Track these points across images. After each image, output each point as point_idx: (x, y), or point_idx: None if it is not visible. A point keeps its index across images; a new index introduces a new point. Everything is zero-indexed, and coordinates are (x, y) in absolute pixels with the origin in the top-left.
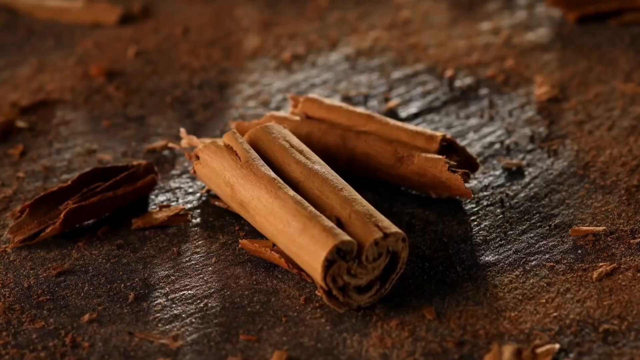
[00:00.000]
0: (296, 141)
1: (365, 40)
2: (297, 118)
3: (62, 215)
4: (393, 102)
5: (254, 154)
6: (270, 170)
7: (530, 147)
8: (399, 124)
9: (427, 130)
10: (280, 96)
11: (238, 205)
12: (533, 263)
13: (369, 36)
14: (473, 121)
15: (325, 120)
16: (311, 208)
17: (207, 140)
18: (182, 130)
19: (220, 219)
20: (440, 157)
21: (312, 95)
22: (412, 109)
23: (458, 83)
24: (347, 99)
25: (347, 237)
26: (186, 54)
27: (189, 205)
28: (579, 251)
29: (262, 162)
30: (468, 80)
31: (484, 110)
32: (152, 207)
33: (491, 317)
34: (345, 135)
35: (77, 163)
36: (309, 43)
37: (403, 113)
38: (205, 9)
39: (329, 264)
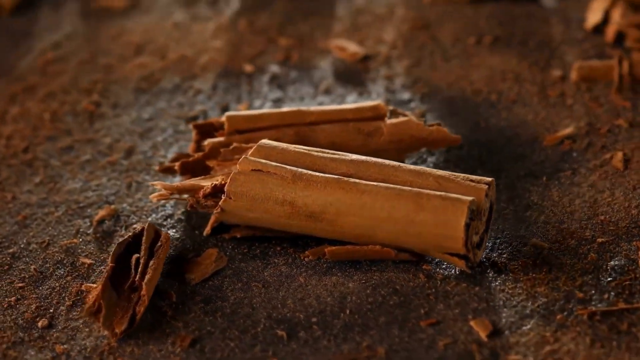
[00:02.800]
0: (302, 146)
1: (127, 72)
2: (223, 138)
3: (144, 293)
4: (244, 105)
5: (291, 167)
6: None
7: (403, 98)
8: (330, 106)
9: (361, 103)
10: (137, 139)
11: (304, 218)
12: (552, 177)
13: (125, 68)
14: (328, 98)
15: (263, 128)
16: (407, 187)
17: (173, 185)
18: (159, 183)
19: (252, 248)
20: (408, 118)
21: (229, 112)
22: (267, 106)
23: (267, 75)
24: (194, 118)
25: (470, 197)
26: None
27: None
28: (574, 154)
29: (307, 170)
30: (273, 69)
31: (320, 87)
32: (176, 262)
33: (587, 228)
34: (300, 132)
35: (57, 256)
36: (86, 90)
37: None
38: None
39: (466, 227)
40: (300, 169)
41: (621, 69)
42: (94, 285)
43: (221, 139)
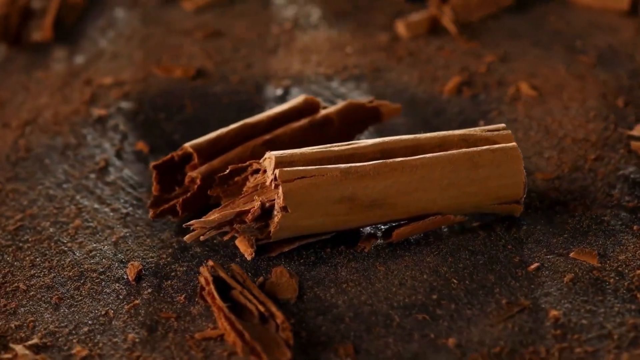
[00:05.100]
0: (316, 147)
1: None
2: (198, 170)
3: (282, 319)
4: (141, 144)
5: (331, 165)
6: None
7: (276, 94)
8: (266, 113)
9: (291, 102)
10: (77, 202)
11: (365, 209)
12: (485, 120)
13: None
14: (207, 117)
15: (229, 147)
16: (451, 150)
17: (212, 217)
18: (195, 222)
19: (304, 256)
20: (348, 101)
21: (188, 143)
22: (163, 139)
23: (122, 114)
24: (104, 168)
25: (514, 142)
26: None
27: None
28: (481, 97)
29: (346, 163)
30: (124, 106)
31: (187, 110)
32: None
33: (568, 151)
34: (266, 141)
35: (135, 320)
36: None
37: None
38: None
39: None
40: (341, 165)
41: (446, 16)
42: (209, 331)
43: (199, 169)
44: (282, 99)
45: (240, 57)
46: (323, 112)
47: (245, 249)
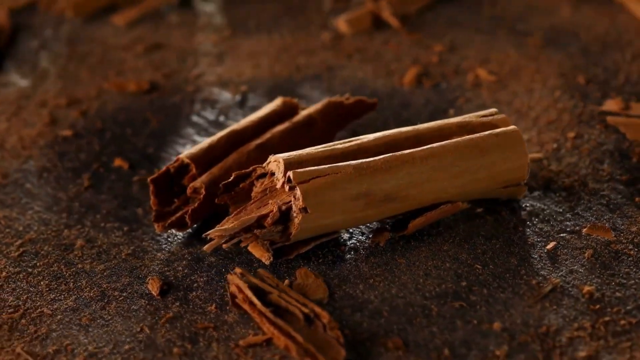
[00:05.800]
0: (321, 146)
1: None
2: (200, 180)
3: (329, 318)
4: (120, 161)
5: (342, 163)
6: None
7: (236, 100)
8: (253, 116)
9: (269, 105)
10: (71, 224)
11: (380, 204)
12: (454, 108)
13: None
14: (172, 128)
15: (224, 154)
16: (455, 137)
17: (229, 225)
18: (214, 231)
19: (320, 256)
20: (327, 100)
21: (184, 154)
22: (137, 154)
23: (91, 133)
24: (90, 186)
25: (513, 125)
26: None
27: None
28: (442, 86)
29: (358, 160)
30: (84, 125)
31: (151, 124)
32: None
33: (547, 132)
34: (260, 146)
35: (175, 332)
36: None
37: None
38: None
39: None
40: (352, 161)
41: (385, 10)
42: (252, 337)
43: (198, 182)
44: (242, 104)
45: (188, 67)
46: (304, 112)
47: (261, 254)
